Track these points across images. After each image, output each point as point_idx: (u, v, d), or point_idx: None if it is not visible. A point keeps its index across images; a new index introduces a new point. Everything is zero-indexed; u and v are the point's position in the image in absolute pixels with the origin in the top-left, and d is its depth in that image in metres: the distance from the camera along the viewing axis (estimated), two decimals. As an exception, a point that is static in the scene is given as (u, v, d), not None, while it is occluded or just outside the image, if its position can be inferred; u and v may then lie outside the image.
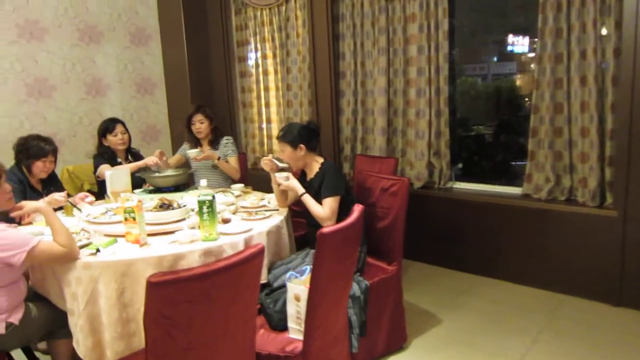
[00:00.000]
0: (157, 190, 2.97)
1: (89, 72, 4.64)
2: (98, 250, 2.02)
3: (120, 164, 3.30)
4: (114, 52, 4.80)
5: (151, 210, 2.38)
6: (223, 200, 2.74)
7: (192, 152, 3.36)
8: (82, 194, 2.81)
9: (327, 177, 2.46)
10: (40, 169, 2.81)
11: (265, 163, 2.63)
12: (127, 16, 4.84)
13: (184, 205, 2.49)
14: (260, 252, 1.45)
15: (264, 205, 2.78)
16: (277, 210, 2.66)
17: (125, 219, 2.10)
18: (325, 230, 1.61)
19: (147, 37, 5.01)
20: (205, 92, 5.08)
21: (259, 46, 4.89)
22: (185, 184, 3.07)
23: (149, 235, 2.21)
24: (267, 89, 4.92)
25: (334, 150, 4.31)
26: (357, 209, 1.88)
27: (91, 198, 2.81)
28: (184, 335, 1.35)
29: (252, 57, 4.98)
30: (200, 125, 3.45)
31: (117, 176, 2.85)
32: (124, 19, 4.82)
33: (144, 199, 2.68)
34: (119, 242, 2.15)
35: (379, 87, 3.95)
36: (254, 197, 2.87)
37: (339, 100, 4.28)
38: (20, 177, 2.77)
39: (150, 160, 3.18)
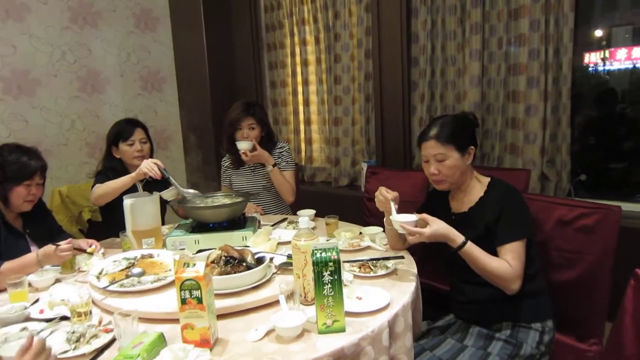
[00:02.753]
0: (200, 227, 1.87)
1: (82, 62, 3.63)
2: (136, 369, 1.04)
3: None
4: (114, 39, 3.80)
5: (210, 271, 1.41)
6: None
7: (243, 144, 2.37)
8: (83, 242, 1.81)
9: (509, 207, 1.50)
10: (22, 197, 1.80)
11: (381, 202, 1.65)
12: (129, -7, 3.85)
13: (261, 257, 1.51)
14: None
15: (368, 247, 1.82)
16: (402, 257, 1.69)
17: (184, 302, 1.11)
18: None
19: (154, 20, 4.02)
20: (227, 88, 4.10)
21: (295, 30, 3.93)
22: (243, 216, 2.02)
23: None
24: (306, 83, 3.96)
25: (404, 158, 3.34)
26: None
27: (96, 246, 1.81)
28: None
29: (285, 44, 4.01)
30: (250, 132, 2.46)
31: (141, 207, 1.82)
32: (126, -4, 3.83)
33: (183, 242, 1.72)
34: (165, 338, 1.17)
35: (471, 75, 3.02)
36: (349, 234, 1.90)
37: (410, 94, 3.33)
38: (-12, 212, 1.76)
39: (146, 167, 1.98)
